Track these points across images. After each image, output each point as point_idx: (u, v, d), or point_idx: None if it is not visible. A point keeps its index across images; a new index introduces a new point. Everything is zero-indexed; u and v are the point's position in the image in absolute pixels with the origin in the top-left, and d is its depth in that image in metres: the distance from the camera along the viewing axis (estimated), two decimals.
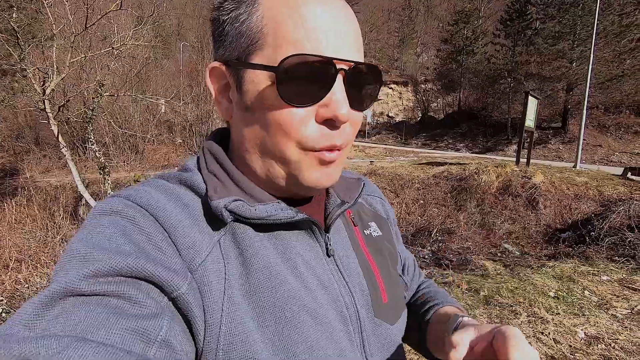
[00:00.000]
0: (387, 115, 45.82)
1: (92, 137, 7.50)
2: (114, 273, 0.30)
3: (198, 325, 0.34)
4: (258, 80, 0.38)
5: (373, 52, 50.63)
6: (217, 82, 0.42)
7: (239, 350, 0.34)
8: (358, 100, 0.41)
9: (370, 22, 49.45)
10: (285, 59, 0.36)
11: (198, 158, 0.45)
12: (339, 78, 0.38)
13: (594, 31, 13.61)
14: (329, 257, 0.45)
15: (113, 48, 7.11)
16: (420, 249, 5.66)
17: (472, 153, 20.40)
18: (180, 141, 17.23)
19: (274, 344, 0.35)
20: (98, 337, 0.26)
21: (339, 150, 0.41)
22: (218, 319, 0.34)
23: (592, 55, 13.32)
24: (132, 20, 9.07)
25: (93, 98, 7.41)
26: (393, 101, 47.69)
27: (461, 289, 3.44)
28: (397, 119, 41.96)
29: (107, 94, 7.50)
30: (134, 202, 0.37)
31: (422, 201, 9.11)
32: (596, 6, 14.05)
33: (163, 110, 16.84)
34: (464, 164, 10.81)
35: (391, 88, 48.47)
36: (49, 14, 6.17)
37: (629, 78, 18.45)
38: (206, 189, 0.40)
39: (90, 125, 7.36)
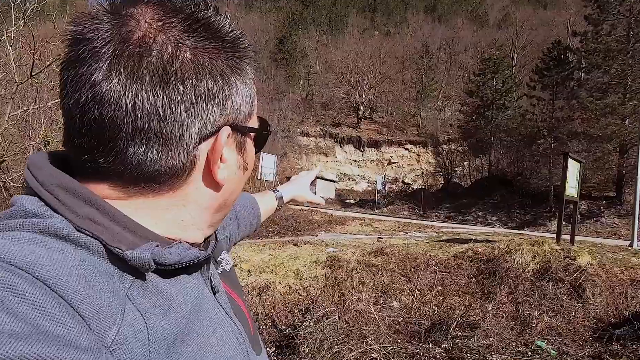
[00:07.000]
0: (402, 182, 46.81)
1: None
2: None
3: None
4: (250, 143, 0.54)
5: (385, 107, 51.43)
6: (231, 145, 0.50)
7: None
8: None
9: (381, 72, 50.55)
10: (267, 124, 0.56)
11: (39, 197, 0.42)
12: None
13: None
14: (214, 294, 0.55)
15: None
16: (431, 346, 5.70)
17: (506, 228, 20.54)
18: None
19: None
20: None
21: None
22: None
23: None
24: None
25: None
26: (409, 165, 48.83)
27: None
28: (414, 187, 43.18)
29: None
30: (11, 263, 0.35)
31: (440, 287, 9.17)
32: None
33: None
34: (493, 241, 11.05)
35: (407, 149, 49.54)
36: None
37: None
38: (91, 235, 0.41)
39: None
